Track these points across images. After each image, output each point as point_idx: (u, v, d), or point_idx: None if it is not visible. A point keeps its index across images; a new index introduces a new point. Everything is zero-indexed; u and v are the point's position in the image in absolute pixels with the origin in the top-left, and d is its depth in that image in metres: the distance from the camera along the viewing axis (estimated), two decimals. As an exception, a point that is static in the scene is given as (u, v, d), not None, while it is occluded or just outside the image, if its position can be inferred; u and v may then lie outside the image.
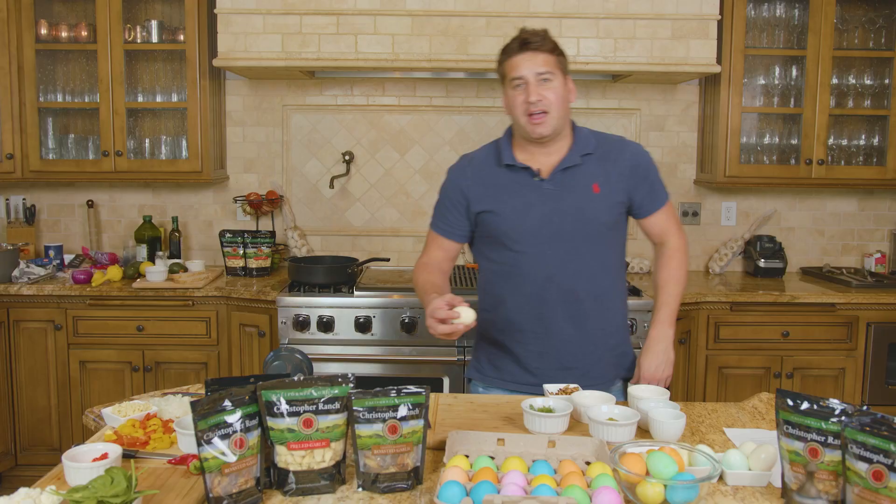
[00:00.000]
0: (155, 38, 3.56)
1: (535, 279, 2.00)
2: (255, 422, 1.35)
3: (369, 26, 3.28)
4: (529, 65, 1.92)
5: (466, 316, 1.75)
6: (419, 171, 3.86)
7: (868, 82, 3.71)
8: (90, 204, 3.85)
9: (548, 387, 1.90)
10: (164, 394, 1.88)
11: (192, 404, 1.28)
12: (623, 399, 2.05)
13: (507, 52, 1.97)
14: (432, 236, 2.13)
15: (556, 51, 1.96)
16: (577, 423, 1.74)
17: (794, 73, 3.66)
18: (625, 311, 2.14)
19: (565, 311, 2.01)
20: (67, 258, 3.74)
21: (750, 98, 3.71)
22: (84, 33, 3.55)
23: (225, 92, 3.84)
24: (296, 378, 1.38)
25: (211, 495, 1.28)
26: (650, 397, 1.76)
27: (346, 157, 3.83)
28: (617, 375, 2.12)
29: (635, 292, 3.23)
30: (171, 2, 3.69)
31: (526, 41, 1.93)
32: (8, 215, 3.85)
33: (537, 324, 2.02)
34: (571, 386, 1.89)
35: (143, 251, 3.73)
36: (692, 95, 3.84)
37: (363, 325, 3.13)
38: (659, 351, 2.02)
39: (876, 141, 3.73)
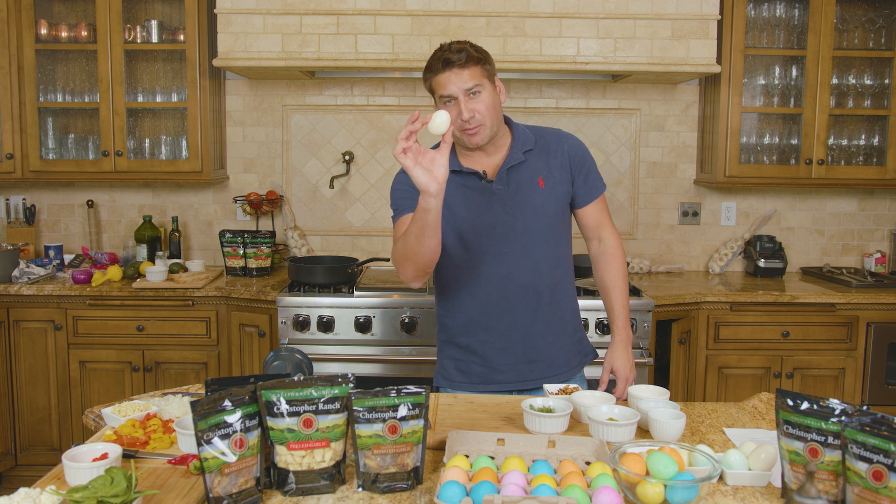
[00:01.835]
0: (155, 38, 3.56)
1: (495, 278, 2.03)
2: (255, 422, 1.35)
3: (369, 26, 3.28)
4: (456, 81, 1.89)
5: (440, 120, 1.67)
6: (419, 171, 3.86)
7: (868, 82, 3.71)
8: (90, 204, 3.85)
9: (548, 387, 1.90)
10: (164, 394, 1.88)
11: (192, 404, 1.28)
12: (586, 387, 2.12)
13: (432, 70, 1.93)
14: (404, 220, 1.99)
15: (480, 61, 1.92)
16: (577, 423, 1.74)
17: (794, 73, 3.67)
18: (575, 296, 2.19)
19: (526, 306, 2.05)
20: (67, 258, 3.74)
21: (750, 98, 3.71)
22: (84, 33, 3.55)
23: (225, 92, 3.84)
24: (296, 378, 1.38)
25: (211, 495, 1.28)
26: (650, 397, 1.76)
27: (346, 157, 3.84)
28: (580, 362, 2.17)
29: (635, 292, 3.23)
30: (171, 2, 3.69)
31: (448, 60, 1.89)
32: (8, 215, 3.85)
33: (499, 321, 2.05)
34: (571, 386, 1.90)
35: (143, 251, 3.73)
36: (692, 95, 3.84)
37: (363, 325, 3.13)
38: (630, 353, 2.08)
39: (876, 141, 3.73)
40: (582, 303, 3.03)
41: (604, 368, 2.08)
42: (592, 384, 2.10)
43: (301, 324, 3.13)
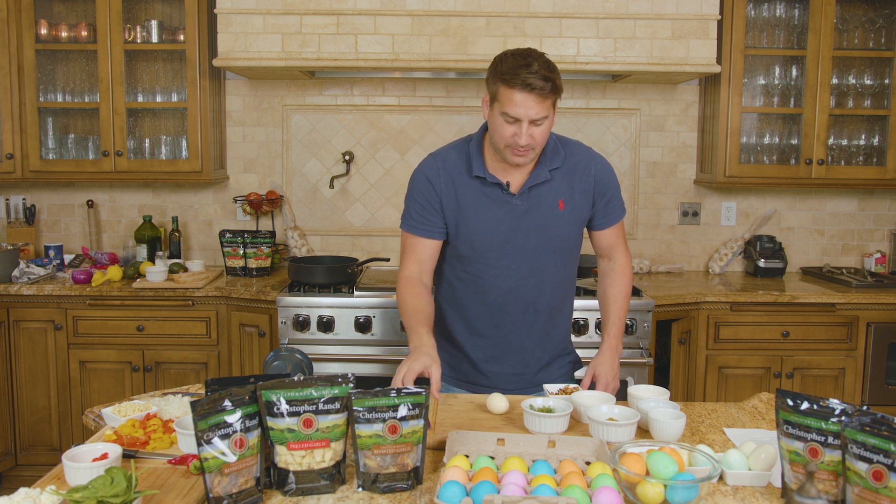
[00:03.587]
0: (155, 38, 3.56)
1: (498, 291, 2.04)
2: (255, 422, 1.35)
3: (369, 26, 3.28)
4: (529, 110, 1.81)
5: (498, 405, 1.80)
6: (419, 171, 3.86)
7: (868, 82, 3.71)
8: (90, 204, 3.85)
9: (548, 387, 1.90)
10: (164, 394, 1.88)
11: (192, 404, 1.28)
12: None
13: (507, 82, 1.81)
14: (412, 241, 2.05)
15: (557, 90, 1.85)
16: (577, 423, 1.74)
17: (794, 73, 3.66)
18: (571, 316, 2.22)
19: (523, 323, 2.07)
20: (67, 258, 3.74)
21: (750, 98, 3.71)
22: (84, 33, 3.55)
23: (225, 92, 3.84)
24: (296, 378, 1.38)
25: (211, 495, 1.28)
26: (650, 397, 1.76)
27: (346, 157, 3.83)
28: (566, 373, 2.18)
29: (635, 292, 3.22)
30: (171, 2, 3.69)
31: (531, 86, 1.79)
32: (8, 215, 3.85)
33: (495, 332, 2.08)
34: (571, 386, 1.90)
35: (143, 251, 3.73)
36: (692, 95, 3.84)
37: (363, 325, 3.13)
38: (616, 364, 2.07)
39: (876, 141, 3.73)
40: (587, 303, 3.06)
41: (587, 372, 2.07)
42: None
43: (301, 324, 3.13)
